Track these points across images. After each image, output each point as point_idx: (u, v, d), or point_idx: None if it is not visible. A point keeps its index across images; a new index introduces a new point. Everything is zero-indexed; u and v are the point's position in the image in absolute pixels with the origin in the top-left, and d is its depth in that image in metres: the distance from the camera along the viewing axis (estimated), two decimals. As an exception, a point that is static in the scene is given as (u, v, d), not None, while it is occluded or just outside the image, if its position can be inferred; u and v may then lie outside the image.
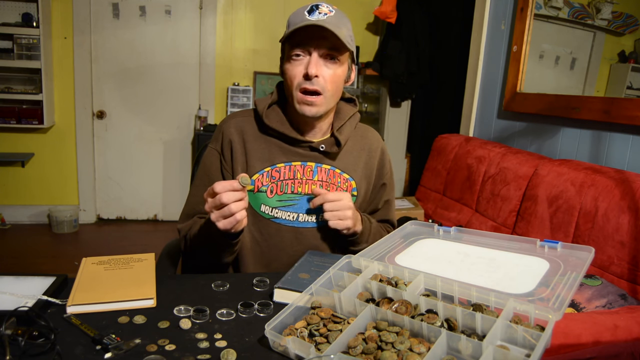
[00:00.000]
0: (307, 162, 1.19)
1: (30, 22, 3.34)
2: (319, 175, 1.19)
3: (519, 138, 2.44)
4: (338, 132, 1.19)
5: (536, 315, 0.69)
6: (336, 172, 1.21)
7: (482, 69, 2.77)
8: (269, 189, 1.17)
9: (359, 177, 1.25)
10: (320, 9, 1.09)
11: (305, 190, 1.18)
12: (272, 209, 1.18)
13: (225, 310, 0.86)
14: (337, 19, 1.09)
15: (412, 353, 0.66)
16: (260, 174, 1.17)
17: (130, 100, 3.84)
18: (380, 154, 1.30)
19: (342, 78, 1.15)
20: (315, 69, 1.07)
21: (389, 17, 3.65)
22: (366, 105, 4.20)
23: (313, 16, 1.07)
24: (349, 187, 1.23)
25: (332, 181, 1.20)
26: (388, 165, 1.32)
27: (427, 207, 2.69)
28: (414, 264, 0.90)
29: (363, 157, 1.26)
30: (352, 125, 1.24)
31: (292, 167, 1.18)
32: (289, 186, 1.17)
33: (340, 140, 1.18)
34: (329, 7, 1.11)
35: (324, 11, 1.08)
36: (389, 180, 1.32)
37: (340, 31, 1.07)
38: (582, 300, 1.38)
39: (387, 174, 1.32)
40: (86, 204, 3.88)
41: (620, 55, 2.07)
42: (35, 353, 0.71)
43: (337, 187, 1.20)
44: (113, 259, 1.05)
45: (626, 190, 1.51)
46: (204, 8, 3.79)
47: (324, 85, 1.09)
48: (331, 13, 1.09)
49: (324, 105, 1.12)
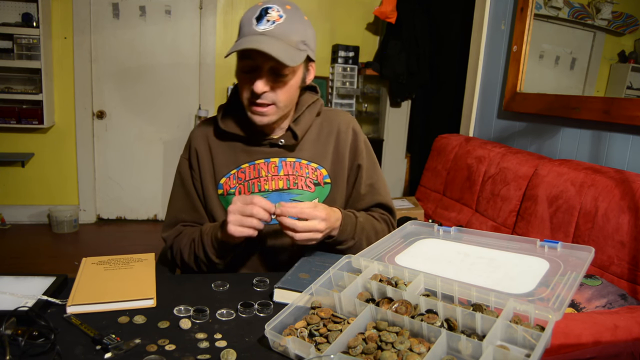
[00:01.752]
0: (270, 158, 1.17)
1: (30, 22, 3.34)
2: (284, 170, 1.17)
3: (519, 138, 2.44)
4: (294, 124, 1.17)
5: (536, 315, 0.69)
6: (302, 164, 1.18)
7: (482, 69, 2.77)
8: (237, 191, 1.17)
9: (330, 164, 1.21)
10: (269, 14, 1.03)
11: (272, 186, 1.17)
12: None
13: (225, 310, 0.86)
14: (286, 26, 1.03)
15: (412, 353, 0.66)
16: (227, 177, 1.18)
17: (130, 100, 3.84)
18: (352, 135, 1.23)
19: (297, 85, 1.11)
20: (262, 87, 1.04)
21: (389, 17, 3.65)
22: (366, 105, 4.20)
23: (261, 25, 1.02)
24: (318, 176, 1.19)
25: (300, 173, 1.17)
26: (362, 145, 1.24)
27: (427, 207, 2.69)
28: (414, 264, 0.90)
29: (332, 142, 1.22)
30: (311, 113, 1.20)
31: (256, 166, 1.17)
32: (254, 185, 1.17)
33: (297, 131, 1.16)
34: (279, 11, 1.03)
35: (272, 18, 1.02)
36: (365, 161, 1.24)
37: (289, 42, 1.02)
38: (582, 300, 1.38)
39: (362, 154, 1.23)
40: (86, 204, 3.88)
41: (620, 55, 2.07)
42: (35, 353, 0.71)
43: (306, 178, 1.18)
44: (113, 259, 1.05)
45: (626, 190, 1.51)
46: (204, 8, 3.79)
47: (274, 97, 1.07)
48: (280, 19, 1.03)
49: (276, 114, 1.10)
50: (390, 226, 1.26)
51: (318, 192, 1.19)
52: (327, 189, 1.21)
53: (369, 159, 1.26)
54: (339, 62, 3.89)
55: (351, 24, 4.08)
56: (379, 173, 1.28)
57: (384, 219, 1.25)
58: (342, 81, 3.93)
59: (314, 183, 1.19)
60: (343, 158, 1.22)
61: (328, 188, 1.21)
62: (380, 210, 1.26)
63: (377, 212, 1.25)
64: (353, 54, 3.92)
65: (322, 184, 1.20)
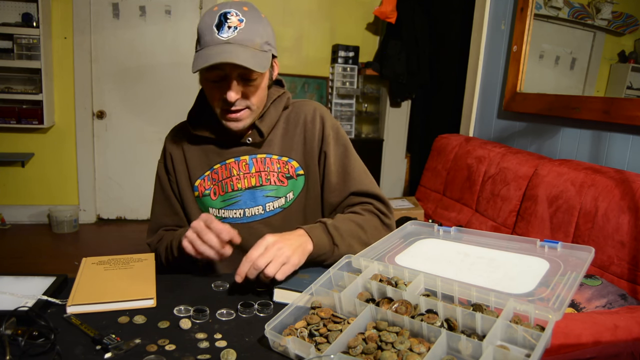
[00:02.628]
0: (240, 156, 1.18)
1: (30, 22, 3.34)
2: (255, 167, 1.17)
3: (519, 138, 2.44)
4: (259, 121, 1.16)
5: (536, 315, 0.69)
6: (273, 159, 1.18)
7: (482, 69, 2.77)
8: (212, 192, 1.18)
9: (301, 155, 1.19)
10: (229, 20, 1.01)
11: (244, 185, 1.17)
12: (218, 211, 1.18)
13: (225, 310, 0.86)
14: (248, 30, 1.02)
15: (412, 353, 0.66)
16: (201, 179, 1.19)
17: (130, 100, 3.84)
18: (319, 121, 1.20)
19: (266, 85, 1.12)
20: (235, 95, 1.04)
21: (389, 17, 3.65)
22: (366, 105, 4.20)
23: (222, 32, 1.01)
24: (290, 169, 1.18)
25: (271, 168, 1.17)
26: (329, 131, 1.19)
27: (427, 207, 2.69)
28: (414, 264, 0.90)
29: (300, 133, 1.20)
30: (277, 108, 1.19)
31: (227, 166, 1.18)
32: (228, 185, 1.17)
33: (262, 128, 1.15)
34: (238, 15, 1.02)
35: (233, 23, 1.01)
36: (333, 147, 1.19)
37: (253, 46, 1.02)
38: (582, 300, 1.38)
39: (328, 140, 1.18)
40: (86, 204, 3.88)
41: (620, 55, 2.07)
42: (35, 353, 0.71)
43: (278, 173, 1.17)
44: (113, 259, 1.05)
45: (626, 190, 1.51)
46: (204, 8, 3.79)
47: (247, 102, 1.08)
48: (241, 24, 1.02)
49: (250, 117, 1.11)
50: (379, 214, 1.16)
51: (292, 186, 1.18)
52: (302, 181, 1.19)
53: (339, 145, 1.20)
54: (339, 62, 3.89)
55: (351, 24, 4.08)
56: (354, 159, 1.21)
57: (368, 209, 1.16)
58: (342, 81, 3.93)
59: (286, 177, 1.18)
60: (312, 148, 1.19)
61: (302, 180, 1.19)
62: (361, 199, 1.18)
63: (358, 206, 1.17)
64: (353, 54, 3.92)
65: (295, 176, 1.19)
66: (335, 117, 3.95)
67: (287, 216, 1.18)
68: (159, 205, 1.25)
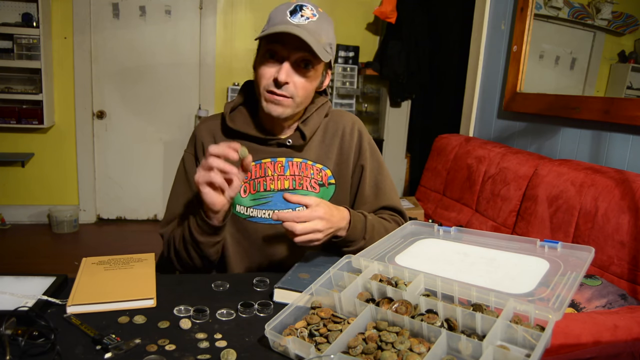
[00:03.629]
0: (277, 158, 1.17)
1: (30, 22, 3.34)
2: (290, 170, 1.17)
3: (519, 138, 2.44)
4: (303, 125, 1.17)
5: (536, 315, 0.69)
6: (308, 164, 1.18)
7: (482, 69, 2.77)
8: (242, 189, 1.17)
9: (334, 164, 1.21)
10: (303, 10, 1.05)
11: (277, 186, 1.16)
12: (247, 209, 1.17)
13: (225, 310, 0.86)
14: (318, 25, 1.05)
15: (412, 353, 0.66)
16: None
17: (130, 100, 3.84)
18: (357, 136, 1.23)
19: (314, 85, 1.12)
20: (286, 76, 1.04)
21: (389, 17, 3.65)
22: (366, 105, 4.20)
23: (295, 18, 1.04)
24: (323, 176, 1.19)
25: (305, 174, 1.18)
26: (367, 145, 1.24)
27: (427, 207, 2.69)
28: (414, 264, 0.89)
29: (337, 143, 1.22)
30: (320, 115, 1.21)
31: (262, 165, 1.17)
32: (260, 184, 1.17)
33: (305, 132, 1.15)
34: (313, 10, 1.06)
35: (307, 14, 1.04)
36: (369, 162, 1.23)
37: (319, 40, 1.04)
38: (582, 300, 1.38)
39: (366, 155, 1.23)
40: (86, 204, 3.88)
41: (620, 55, 2.07)
42: (35, 353, 0.71)
43: (311, 179, 1.18)
44: (113, 259, 1.05)
45: (626, 190, 1.51)
46: (204, 8, 3.79)
47: (293, 91, 1.07)
48: (314, 17, 1.05)
49: (291, 107, 1.10)
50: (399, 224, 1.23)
51: (322, 193, 1.20)
52: (332, 190, 1.21)
53: (374, 160, 1.25)
54: (339, 62, 3.89)
55: (351, 24, 4.08)
56: (386, 175, 1.26)
57: (395, 220, 1.23)
58: (342, 81, 3.93)
59: (318, 184, 1.19)
60: (347, 159, 1.22)
61: (332, 189, 1.21)
62: (388, 212, 1.24)
63: (386, 214, 1.23)
64: (353, 54, 3.92)
65: (327, 184, 1.20)
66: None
67: None
68: (181, 196, 1.20)
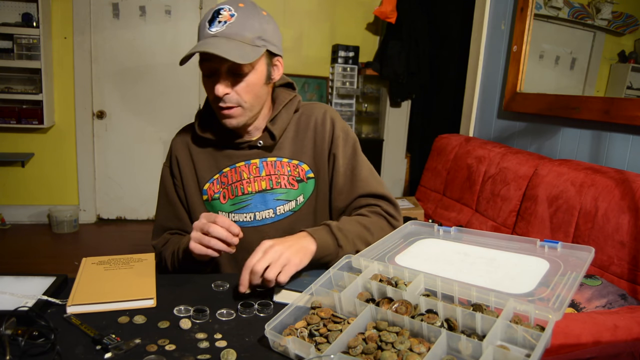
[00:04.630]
0: (251, 160, 1.17)
1: (30, 22, 3.34)
2: (265, 170, 1.17)
3: (519, 138, 2.44)
4: (271, 124, 1.15)
5: (536, 315, 0.69)
6: (283, 162, 1.17)
7: (482, 69, 2.77)
8: (221, 195, 1.17)
9: (311, 158, 1.19)
10: (221, 15, 1.02)
11: (255, 188, 1.16)
12: (228, 214, 1.17)
13: (225, 310, 0.86)
14: (239, 24, 1.02)
15: (412, 353, 0.66)
16: (210, 183, 1.18)
17: (130, 100, 3.84)
18: (330, 124, 1.19)
19: (260, 82, 1.08)
20: (222, 89, 1.03)
21: (389, 17, 3.65)
22: (366, 105, 4.20)
23: (213, 27, 1.02)
24: (300, 172, 1.17)
25: (281, 172, 1.17)
26: (339, 132, 1.18)
27: (427, 207, 2.69)
28: (414, 264, 0.90)
29: (311, 136, 1.19)
30: (289, 111, 1.19)
31: (237, 169, 1.17)
32: (238, 188, 1.16)
33: (273, 131, 1.14)
34: (231, 10, 1.02)
35: (224, 18, 1.01)
36: (342, 149, 1.18)
37: (243, 39, 1.01)
38: (582, 300, 1.38)
39: (337, 142, 1.18)
40: (86, 204, 3.88)
41: (620, 55, 2.07)
42: (35, 353, 0.71)
43: (288, 176, 1.17)
44: (113, 259, 1.05)
45: (626, 190, 1.51)
46: (204, 8, 3.79)
47: (238, 99, 1.06)
48: (232, 19, 1.02)
49: (244, 115, 1.09)
50: (386, 215, 1.15)
51: (302, 189, 1.18)
52: (312, 184, 1.19)
53: (348, 146, 1.20)
54: (339, 62, 3.89)
55: (351, 24, 4.08)
56: (362, 162, 1.20)
57: (374, 211, 1.15)
58: (342, 81, 3.93)
59: (296, 180, 1.18)
60: (322, 150, 1.19)
61: (312, 183, 1.19)
62: (368, 201, 1.16)
63: (365, 208, 1.16)
64: (353, 54, 3.92)
65: (305, 179, 1.18)
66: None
67: (298, 219, 1.18)
68: (163, 209, 1.24)
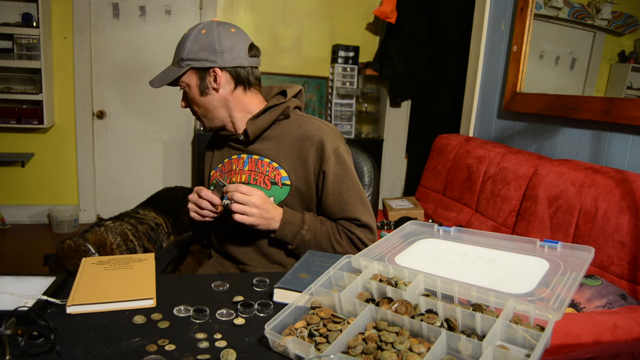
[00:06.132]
0: (241, 154, 1.29)
1: (30, 22, 3.34)
2: (249, 166, 1.27)
3: (519, 138, 2.44)
4: (250, 123, 1.24)
5: (536, 315, 0.69)
6: (265, 162, 1.25)
7: (482, 69, 2.77)
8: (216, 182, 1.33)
9: (291, 165, 1.22)
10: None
11: (238, 179, 1.28)
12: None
13: (225, 310, 0.86)
14: (178, 48, 1.21)
15: (412, 353, 0.66)
16: (215, 170, 1.36)
17: (130, 100, 3.83)
18: (318, 143, 1.21)
19: (197, 95, 1.23)
20: (181, 103, 1.28)
21: (389, 17, 3.65)
22: (366, 105, 4.20)
23: None
24: (276, 175, 1.23)
25: (260, 170, 1.25)
26: (331, 153, 1.20)
27: (427, 207, 2.69)
28: (414, 264, 0.90)
29: (296, 146, 1.22)
30: (271, 115, 1.24)
31: (231, 161, 1.31)
32: (228, 178, 1.30)
33: (248, 130, 1.23)
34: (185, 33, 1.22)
35: None
36: (333, 169, 1.20)
37: (172, 65, 1.22)
38: (582, 300, 1.38)
39: (329, 162, 1.20)
40: (86, 204, 3.88)
41: (620, 55, 2.07)
42: (35, 353, 0.71)
43: (265, 176, 1.24)
44: (113, 259, 1.05)
45: (626, 190, 1.51)
46: (204, 8, 3.79)
47: (195, 109, 1.27)
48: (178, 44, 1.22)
49: (206, 119, 1.27)
50: (355, 243, 1.21)
51: (274, 191, 1.22)
52: (286, 191, 1.22)
53: (340, 168, 1.22)
54: (339, 62, 3.89)
55: (351, 24, 4.08)
56: (352, 185, 1.23)
57: (346, 233, 1.21)
58: (342, 81, 3.93)
59: (270, 181, 1.23)
60: (306, 162, 1.22)
61: (287, 190, 1.22)
62: (351, 223, 1.22)
63: (343, 226, 1.22)
64: (353, 54, 3.92)
65: (280, 184, 1.23)
66: (335, 118, 3.97)
67: None
68: None
